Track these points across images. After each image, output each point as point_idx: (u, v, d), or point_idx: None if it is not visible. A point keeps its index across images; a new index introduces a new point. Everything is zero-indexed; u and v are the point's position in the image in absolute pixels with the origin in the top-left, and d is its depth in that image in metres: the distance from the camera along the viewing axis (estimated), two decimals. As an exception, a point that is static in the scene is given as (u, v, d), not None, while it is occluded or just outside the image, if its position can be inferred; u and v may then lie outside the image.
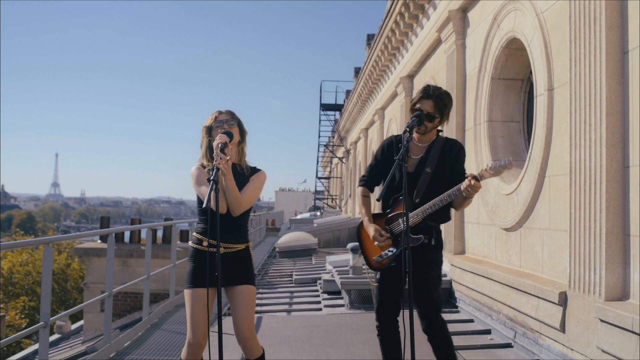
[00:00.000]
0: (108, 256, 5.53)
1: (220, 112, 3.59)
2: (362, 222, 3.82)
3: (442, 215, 3.67)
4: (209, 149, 3.53)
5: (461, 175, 3.60)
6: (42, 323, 4.15)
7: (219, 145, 3.28)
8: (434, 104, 3.63)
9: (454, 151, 3.68)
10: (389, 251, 3.63)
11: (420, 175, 3.62)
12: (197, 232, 3.54)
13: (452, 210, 3.79)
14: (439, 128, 3.81)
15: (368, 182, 3.86)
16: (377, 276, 3.77)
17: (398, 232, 3.64)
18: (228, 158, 3.28)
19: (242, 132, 3.59)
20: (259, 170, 3.64)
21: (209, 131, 3.54)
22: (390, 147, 3.80)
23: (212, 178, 3.14)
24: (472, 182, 3.31)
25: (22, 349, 20.72)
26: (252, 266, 3.55)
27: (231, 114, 3.59)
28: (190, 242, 3.56)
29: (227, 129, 3.45)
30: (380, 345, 3.78)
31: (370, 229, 3.68)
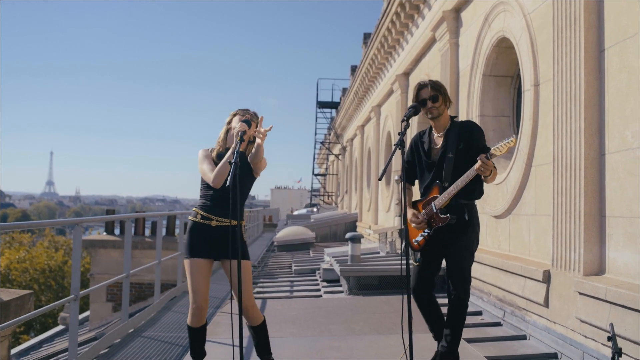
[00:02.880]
0: (126, 240, 5.93)
1: (247, 109, 4.06)
2: None
3: (472, 192, 4.03)
4: (225, 135, 3.99)
5: (482, 148, 3.97)
6: (72, 296, 4.57)
7: (239, 133, 3.71)
8: (431, 87, 4.10)
9: (468, 130, 4.09)
10: (425, 232, 4.10)
11: (445, 161, 4.04)
12: (196, 207, 3.97)
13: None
14: (452, 115, 4.25)
15: (408, 179, 4.30)
16: (418, 256, 4.18)
17: (430, 215, 4.07)
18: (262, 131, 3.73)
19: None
20: None
21: (231, 119, 4.00)
22: (416, 143, 4.28)
23: (232, 161, 3.55)
24: (484, 160, 3.71)
25: (19, 344, 21.06)
26: (245, 243, 3.96)
27: (255, 114, 4.06)
28: (189, 216, 3.99)
29: (248, 118, 3.88)
30: (423, 315, 4.21)
31: (409, 213, 4.14)
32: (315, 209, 32.13)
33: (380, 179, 3.62)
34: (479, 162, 3.72)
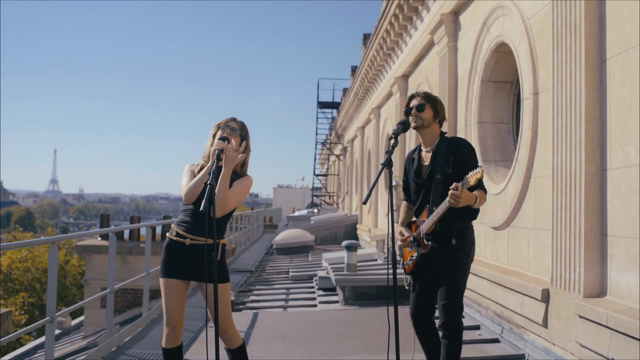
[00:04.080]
0: (110, 254, 5.72)
1: (233, 120, 3.81)
2: None
3: (460, 214, 3.72)
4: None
5: (471, 169, 3.63)
6: (48, 318, 4.35)
7: (216, 152, 3.50)
8: (421, 97, 3.89)
9: (456, 149, 3.81)
10: (413, 256, 3.87)
11: (432, 183, 3.79)
12: (175, 223, 3.75)
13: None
14: (443, 130, 3.99)
15: (406, 198, 4.12)
16: (410, 280, 3.93)
17: (418, 239, 3.85)
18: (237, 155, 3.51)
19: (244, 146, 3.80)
20: (245, 176, 3.81)
21: (216, 132, 3.75)
22: (408, 163, 4.07)
23: (208, 182, 3.33)
24: (452, 192, 3.48)
25: (21, 344, 20.92)
26: (222, 262, 3.67)
27: (241, 126, 3.80)
28: (167, 232, 3.77)
29: (226, 135, 3.65)
30: (420, 343, 3.95)
31: (396, 231, 3.93)
32: (315, 210, 31.95)
33: (364, 203, 3.40)
34: (449, 196, 3.50)
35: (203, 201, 3.27)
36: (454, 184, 3.49)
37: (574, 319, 4.50)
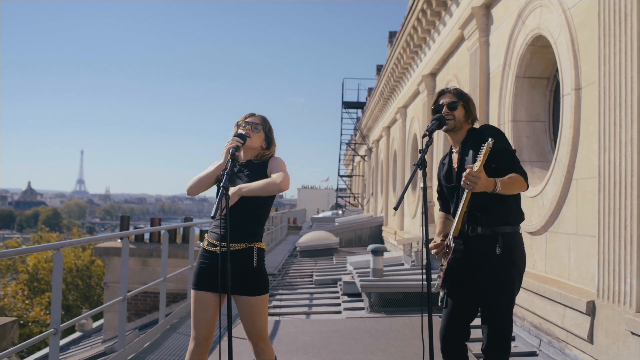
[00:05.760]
0: (122, 259, 5.46)
1: (252, 115, 3.56)
2: None
3: (502, 215, 3.27)
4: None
5: (502, 152, 3.23)
6: (52, 330, 4.07)
7: (230, 150, 3.20)
8: (453, 94, 3.46)
9: (479, 139, 3.26)
10: (444, 266, 3.41)
11: (461, 185, 3.22)
12: (207, 233, 3.51)
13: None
14: (474, 126, 3.56)
15: (442, 207, 3.64)
16: (442, 294, 3.45)
17: (449, 246, 3.37)
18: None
19: (269, 140, 3.54)
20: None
21: (237, 129, 3.47)
22: (440, 169, 3.62)
23: (222, 185, 3.03)
24: (467, 171, 3.04)
25: (46, 344, 20.93)
26: (259, 271, 3.37)
27: (262, 120, 3.55)
28: (202, 243, 3.51)
29: (243, 132, 3.37)
30: None
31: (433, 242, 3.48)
32: (340, 212, 31.61)
33: (396, 209, 3.03)
34: (463, 177, 3.05)
35: (215, 206, 2.97)
36: (469, 166, 3.07)
37: (624, 335, 4.09)
